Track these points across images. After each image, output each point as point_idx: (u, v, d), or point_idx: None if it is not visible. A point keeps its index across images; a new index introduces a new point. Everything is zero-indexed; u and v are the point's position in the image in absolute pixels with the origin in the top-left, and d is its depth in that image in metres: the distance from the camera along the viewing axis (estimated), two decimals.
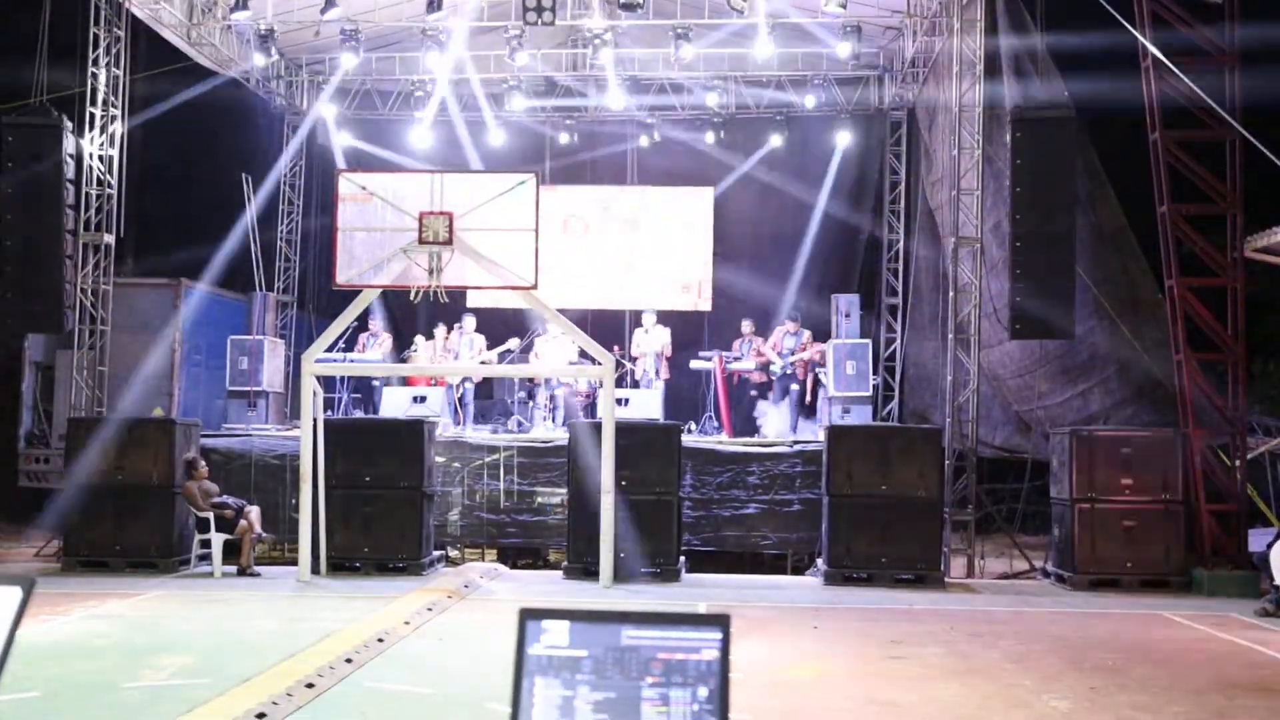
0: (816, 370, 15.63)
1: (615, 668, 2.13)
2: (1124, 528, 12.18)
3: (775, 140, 18.11)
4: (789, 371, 15.73)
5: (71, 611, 9.57)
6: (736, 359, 15.95)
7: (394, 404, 14.58)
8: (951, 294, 14.03)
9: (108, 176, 14.11)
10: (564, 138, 18.49)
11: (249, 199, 16.77)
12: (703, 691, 2.11)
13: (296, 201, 18.95)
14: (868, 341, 15.44)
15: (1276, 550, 10.66)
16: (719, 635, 2.14)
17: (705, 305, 18.03)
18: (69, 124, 13.30)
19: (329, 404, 14.30)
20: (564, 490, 13.01)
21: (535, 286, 11.75)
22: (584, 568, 12.19)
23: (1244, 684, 7.60)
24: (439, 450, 13.46)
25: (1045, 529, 13.92)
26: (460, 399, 15.78)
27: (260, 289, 16.91)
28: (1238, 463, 12.52)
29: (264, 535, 12.82)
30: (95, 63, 13.98)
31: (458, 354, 15.87)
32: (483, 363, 15.63)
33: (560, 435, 13.82)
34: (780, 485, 13.57)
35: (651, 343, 15.96)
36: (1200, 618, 10.27)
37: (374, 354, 15.67)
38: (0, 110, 13.47)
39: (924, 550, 12.29)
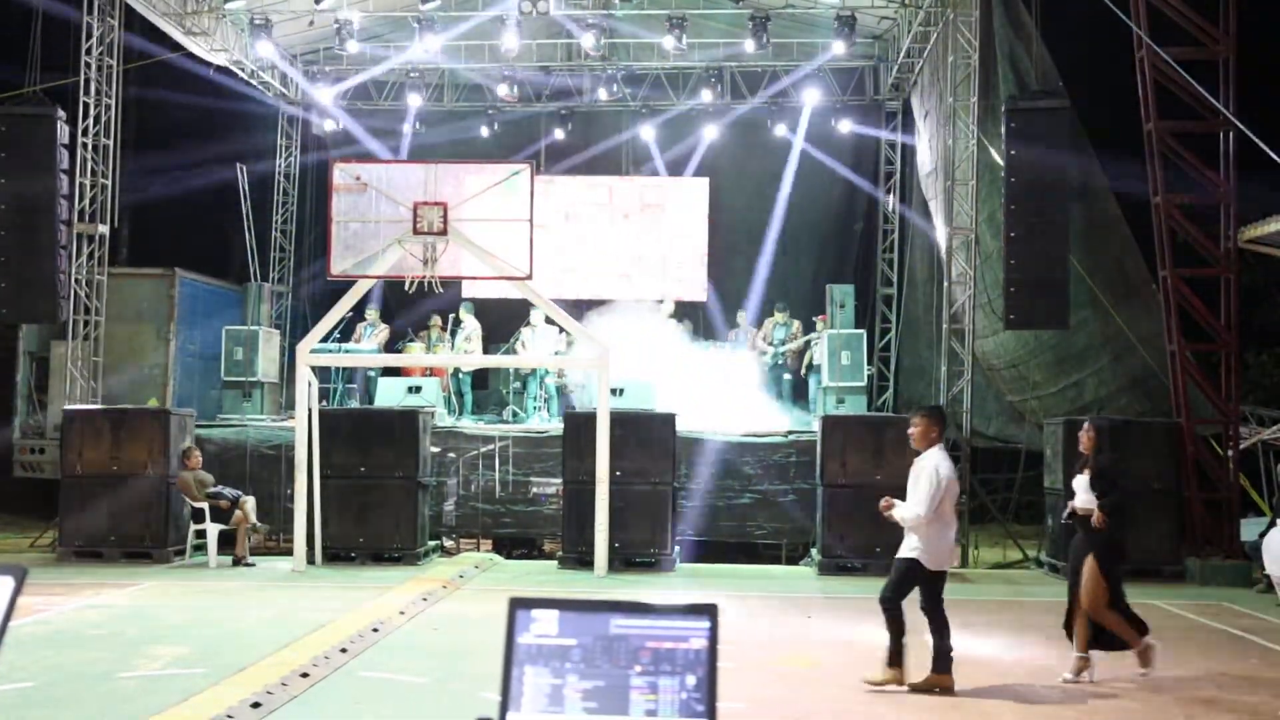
0: (813, 346, 15.54)
1: (604, 656, 2.15)
2: None
3: (770, 131, 18.09)
4: (780, 362, 15.75)
5: (66, 601, 9.58)
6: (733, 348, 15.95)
7: (389, 394, 14.58)
8: (946, 284, 14.04)
9: (101, 166, 14.08)
10: (558, 128, 18.45)
11: (244, 189, 16.74)
12: (691, 680, 2.13)
13: (291, 191, 18.93)
14: (862, 332, 15.45)
15: (1268, 540, 10.70)
16: (707, 624, 2.15)
17: (701, 295, 18.02)
18: (62, 114, 13.25)
19: (324, 394, 14.29)
20: (559, 480, 13.02)
21: (530, 277, 11.75)
22: (579, 558, 12.22)
23: (1235, 674, 7.64)
24: (434, 440, 13.47)
25: (1039, 519, 13.95)
26: (456, 389, 15.78)
27: (255, 279, 16.89)
28: (1230, 453, 12.56)
29: (259, 525, 12.82)
30: (89, 52, 13.93)
31: (453, 344, 15.85)
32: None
33: (555, 426, 13.83)
34: (774, 475, 13.57)
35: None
36: (1192, 607, 10.32)
37: (370, 344, 15.66)
38: None
39: None
